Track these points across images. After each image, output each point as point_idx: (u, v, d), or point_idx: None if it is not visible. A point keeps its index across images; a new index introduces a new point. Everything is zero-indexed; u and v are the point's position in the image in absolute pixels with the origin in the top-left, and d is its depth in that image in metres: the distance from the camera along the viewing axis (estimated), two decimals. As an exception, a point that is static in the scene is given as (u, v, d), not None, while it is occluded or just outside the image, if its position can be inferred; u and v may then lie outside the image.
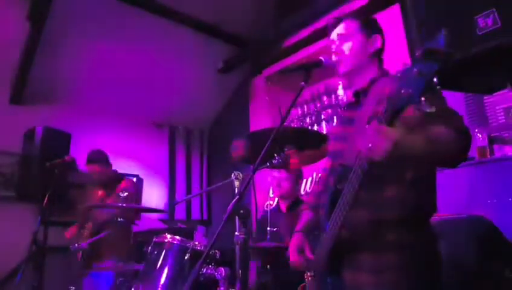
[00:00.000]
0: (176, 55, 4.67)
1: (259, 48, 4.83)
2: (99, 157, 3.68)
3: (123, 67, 4.57)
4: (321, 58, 1.70)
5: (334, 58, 1.69)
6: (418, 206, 1.48)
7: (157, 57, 4.64)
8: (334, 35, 1.72)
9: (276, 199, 3.42)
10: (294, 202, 3.22)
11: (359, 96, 1.67)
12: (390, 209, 1.47)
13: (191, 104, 5.29)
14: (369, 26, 1.70)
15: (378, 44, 1.66)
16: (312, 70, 1.69)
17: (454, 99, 1.56)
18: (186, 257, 2.34)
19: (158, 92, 5.00)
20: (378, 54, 1.68)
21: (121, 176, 3.83)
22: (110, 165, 3.76)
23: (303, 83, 1.68)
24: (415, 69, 1.10)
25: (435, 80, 1.09)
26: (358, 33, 1.66)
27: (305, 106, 4.53)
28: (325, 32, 1.80)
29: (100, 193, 3.60)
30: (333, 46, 1.71)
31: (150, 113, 5.26)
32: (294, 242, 1.80)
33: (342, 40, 1.68)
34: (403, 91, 1.14)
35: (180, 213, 5.34)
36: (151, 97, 5.02)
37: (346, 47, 1.66)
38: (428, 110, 1.13)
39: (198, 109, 5.45)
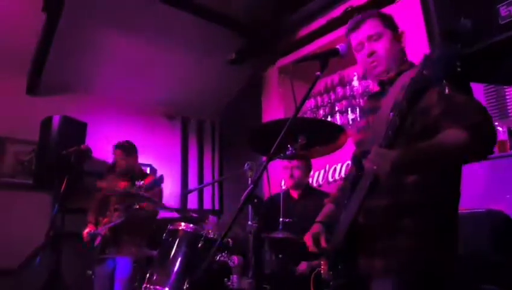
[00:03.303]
0: (188, 46, 4.68)
1: (273, 39, 4.81)
2: (127, 145, 3.74)
3: (137, 58, 4.59)
4: (337, 47, 1.70)
5: (367, 61, 1.67)
6: (438, 193, 1.49)
7: (170, 48, 4.65)
8: (361, 37, 1.70)
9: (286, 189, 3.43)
10: (306, 190, 3.24)
11: (384, 85, 1.67)
12: (410, 195, 1.47)
13: (203, 96, 5.30)
14: (392, 23, 1.70)
15: (404, 39, 1.68)
16: (328, 59, 1.68)
17: (474, 91, 1.53)
18: (199, 245, 2.38)
19: (171, 84, 5.02)
20: (403, 50, 1.69)
21: (146, 173, 3.89)
22: (136, 158, 3.80)
23: (319, 72, 1.68)
24: (436, 53, 1.15)
25: (457, 64, 1.12)
26: (386, 31, 1.66)
27: (319, 97, 4.50)
28: (339, 22, 1.79)
29: (123, 183, 3.64)
30: (362, 47, 1.68)
31: (163, 104, 5.29)
32: (311, 231, 1.82)
33: (373, 40, 1.66)
34: (424, 72, 1.18)
35: (192, 203, 5.39)
36: (163, 88, 5.05)
37: (381, 47, 1.64)
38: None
39: (210, 100, 5.46)
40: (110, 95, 4.80)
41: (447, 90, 1.37)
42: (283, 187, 3.38)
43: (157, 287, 2.33)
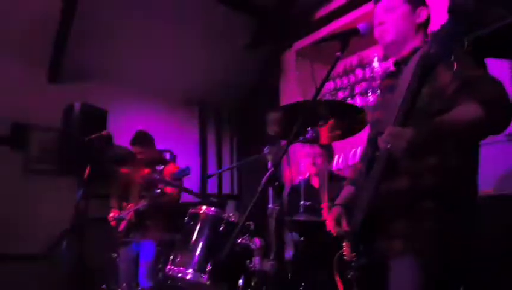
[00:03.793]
0: (205, 31, 4.66)
1: (289, 21, 4.75)
2: (141, 137, 3.78)
3: (156, 44, 4.61)
4: (358, 26, 1.67)
5: (377, 30, 1.67)
6: (457, 175, 1.47)
7: (187, 34, 4.64)
8: (379, 9, 1.70)
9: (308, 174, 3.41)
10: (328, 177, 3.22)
11: (400, 65, 1.66)
12: (428, 177, 1.46)
13: (221, 81, 5.29)
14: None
15: (424, 16, 1.64)
16: (348, 39, 1.66)
17: (499, 67, 1.50)
18: (221, 228, 2.41)
19: (188, 69, 5.02)
20: (423, 27, 1.66)
21: (166, 160, 3.94)
22: (155, 147, 3.84)
23: (339, 53, 1.66)
24: (444, 29, 1.16)
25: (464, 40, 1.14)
26: (403, 5, 1.65)
27: (338, 80, 4.45)
28: (359, 0, 1.76)
29: (146, 170, 3.69)
30: (377, 19, 1.69)
31: (181, 90, 5.30)
32: (332, 214, 1.83)
33: (386, 12, 1.67)
34: (432, 50, 1.21)
35: (211, 187, 5.44)
36: (181, 74, 5.05)
37: (391, 18, 1.64)
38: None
39: (228, 85, 5.44)
40: (129, 82, 4.83)
41: (455, 67, 1.37)
42: (303, 174, 3.38)
43: (181, 268, 2.38)
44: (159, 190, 2.99)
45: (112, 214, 3.60)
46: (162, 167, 2.82)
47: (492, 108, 1.31)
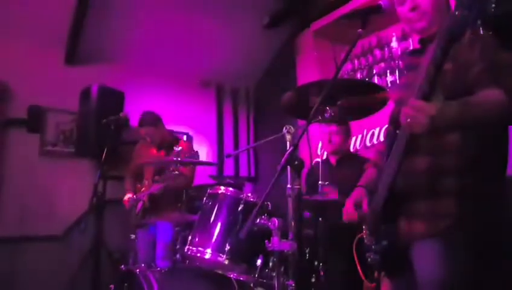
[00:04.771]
0: (221, 11, 4.61)
1: (307, 1, 4.66)
2: (149, 118, 3.69)
3: (172, 25, 4.58)
4: (380, 3, 1.62)
5: (412, 15, 1.59)
6: (481, 155, 1.43)
7: (203, 14, 4.60)
8: None
9: (325, 154, 3.39)
10: (344, 157, 3.19)
11: (426, 43, 1.60)
12: (450, 156, 1.43)
13: (237, 62, 5.25)
14: None
15: None
16: (369, 16, 1.61)
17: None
18: (239, 208, 2.41)
19: (205, 51, 4.99)
20: (448, 3, 1.60)
21: (178, 138, 3.89)
22: (164, 126, 3.78)
23: (360, 30, 1.62)
24: None
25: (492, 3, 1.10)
26: None
27: (356, 60, 4.37)
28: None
29: (160, 153, 3.68)
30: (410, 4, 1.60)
31: (197, 71, 5.28)
32: (353, 196, 1.80)
33: None
34: (457, 13, 1.17)
35: (228, 170, 5.45)
36: (198, 56, 5.03)
37: (425, 1, 1.55)
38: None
39: (244, 66, 5.40)
40: (145, 63, 4.82)
41: (480, 46, 1.36)
42: (320, 153, 3.36)
43: (200, 248, 2.39)
44: (176, 172, 2.98)
45: (127, 197, 3.62)
46: (180, 148, 2.80)
47: None
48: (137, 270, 2.55)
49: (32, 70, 4.19)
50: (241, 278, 2.49)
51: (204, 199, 2.57)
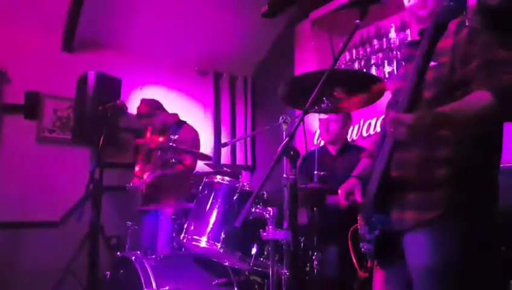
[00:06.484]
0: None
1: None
2: (147, 111, 3.73)
3: (169, 12, 4.54)
4: (379, -8, 1.61)
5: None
6: (472, 147, 1.45)
7: (202, 2, 4.57)
8: None
9: (322, 143, 3.38)
10: (344, 146, 3.18)
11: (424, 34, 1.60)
12: (442, 148, 1.44)
13: (235, 50, 5.22)
14: None
15: None
16: (369, 6, 1.61)
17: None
18: (235, 197, 2.42)
19: (203, 38, 4.96)
20: None
21: (181, 122, 3.90)
22: (163, 112, 3.80)
23: (358, 20, 1.61)
24: None
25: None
26: None
27: (354, 50, 4.35)
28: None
29: (162, 138, 3.69)
30: None
31: (195, 59, 5.25)
32: (346, 185, 1.82)
33: None
34: (445, 4, 1.27)
35: (225, 158, 5.45)
36: (195, 44, 5.00)
37: None
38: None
39: (242, 55, 5.37)
40: (143, 50, 4.79)
41: (477, 40, 1.38)
42: (317, 142, 3.34)
43: (195, 236, 2.41)
44: (172, 160, 2.99)
45: (131, 183, 3.64)
46: (176, 136, 2.81)
47: (504, 98, 1.30)
48: (133, 257, 2.57)
49: (29, 56, 4.16)
50: (236, 266, 2.52)
51: (200, 187, 2.58)
